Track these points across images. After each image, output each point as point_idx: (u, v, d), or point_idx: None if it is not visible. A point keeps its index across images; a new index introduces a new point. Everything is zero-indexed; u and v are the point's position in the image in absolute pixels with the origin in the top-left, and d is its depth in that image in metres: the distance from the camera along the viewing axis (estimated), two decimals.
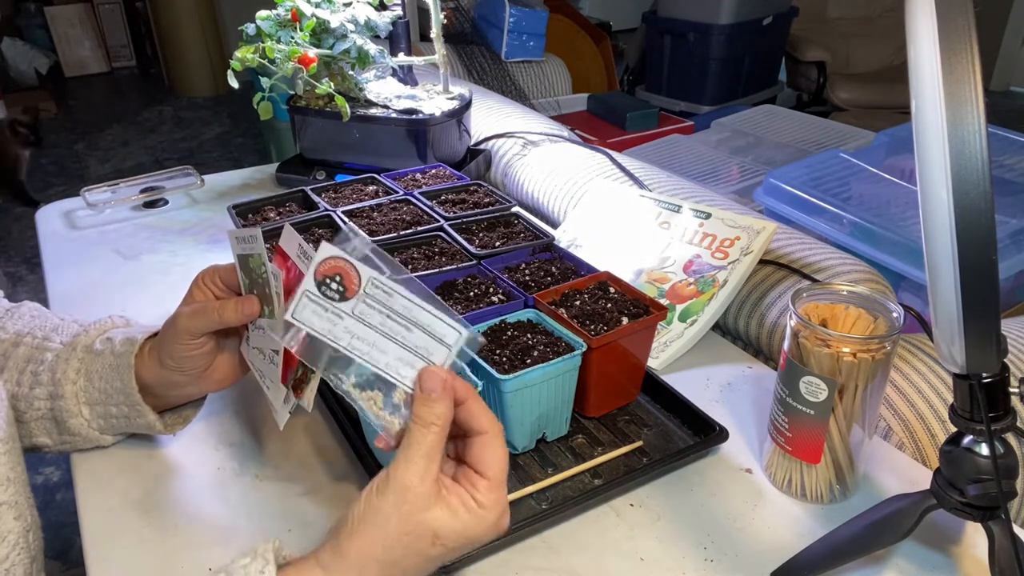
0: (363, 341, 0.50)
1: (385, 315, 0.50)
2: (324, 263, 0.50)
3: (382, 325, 0.50)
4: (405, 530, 0.47)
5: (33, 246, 2.95)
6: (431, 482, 0.48)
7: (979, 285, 0.46)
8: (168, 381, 0.66)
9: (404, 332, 0.50)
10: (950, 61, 0.44)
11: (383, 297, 0.50)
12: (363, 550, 0.47)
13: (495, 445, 0.50)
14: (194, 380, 0.67)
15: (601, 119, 2.99)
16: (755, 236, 0.91)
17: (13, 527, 0.58)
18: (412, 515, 0.47)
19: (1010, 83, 4.82)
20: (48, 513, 1.80)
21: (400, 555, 0.47)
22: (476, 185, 1.07)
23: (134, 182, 1.32)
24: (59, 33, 5.11)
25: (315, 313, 0.50)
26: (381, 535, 0.47)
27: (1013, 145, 1.81)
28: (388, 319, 0.50)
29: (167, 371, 0.65)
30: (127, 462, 0.72)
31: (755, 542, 0.63)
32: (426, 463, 0.48)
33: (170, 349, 0.64)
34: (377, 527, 0.47)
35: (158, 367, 0.65)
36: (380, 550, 0.47)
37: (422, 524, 0.47)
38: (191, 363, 0.65)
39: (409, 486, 0.47)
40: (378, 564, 0.47)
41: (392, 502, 0.47)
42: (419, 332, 0.50)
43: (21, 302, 0.76)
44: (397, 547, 0.47)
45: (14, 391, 0.68)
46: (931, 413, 0.76)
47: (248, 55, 1.11)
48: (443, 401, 0.49)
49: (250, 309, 0.62)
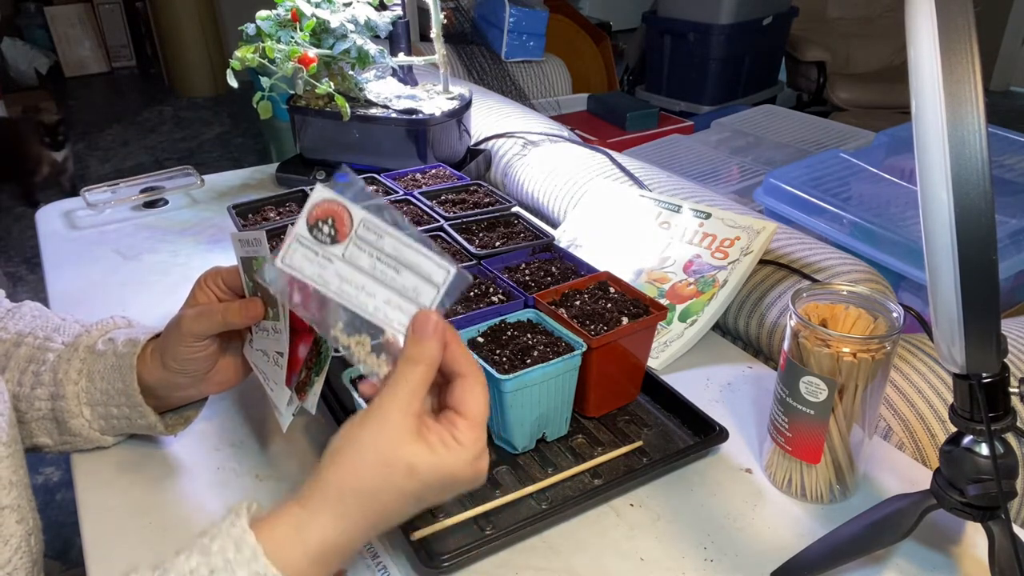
0: (352, 285, 0.49)
1: (375, 258, 0.49)
2: (318, 206, 0.49)
3: (371, 268, 0.49)
4: (382, 460, 0.46)
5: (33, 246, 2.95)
6: (412, 417, 0.47)
7: (979, 285, 0.46)
8: (170, 383, 0.66)
9: (393, 274, 0.50)
10: (950, 61, 0.44)
11: (373, 239, 0.49)
12: (340, 480, 0.47)
13: (475, 387, 0.49)
14: (196, 382, 0.67)
15: (601, 119, 2.99)
16: (755, 236, 0.91)
17: (16, 531, 0.58)
18: (389, 445, 0.47)
19: (1010, 83, 4.82)
20: (48, 513, 1.80)
21: (376, 486, 0.46)
22: (476, 185, 1.07)
23: (134, 182, 1.32)
24: (59, 33, 5.11)
25: (305, 258, 0.49)
26: (358, 464, 0.47)
27: (1013, 145, 1.81)
28: (378, 262, 0.49)
29: (170, 373, 0.65)
30: (127, 462, 0.72)
31: (755, 542, 0.64)
32: (409, 398, 0.47)
33: (173, 351, 0.64)
34: (354, 457, 0.47)
35: (161, 369, 0.65)
36: (356, 479, 0.46)
37: (399, 456, 0.46)
38: (194, 365, 0.65)
39: (389, 417, 0.47)
40: (354, 494, 0.47)
41: (371, 432, 0.47)
42: (408, 273, 0.50)
43: (22, 302, 0.76)
44: (374, 478, 0.46)
45: (15, 391, 0.68)
46: (931, 413, 0.76)
47: (248, 55, 1.11)
48: (433, 342, 0.48)
49: (254, 312, 0.62)
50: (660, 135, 2.73)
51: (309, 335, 0.60)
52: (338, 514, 0.47)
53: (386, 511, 0.48)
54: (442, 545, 0.61)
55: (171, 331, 0.64)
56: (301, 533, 0.46)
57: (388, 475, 0.47)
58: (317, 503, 0.47)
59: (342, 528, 0.47)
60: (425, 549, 0.61)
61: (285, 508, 0.47)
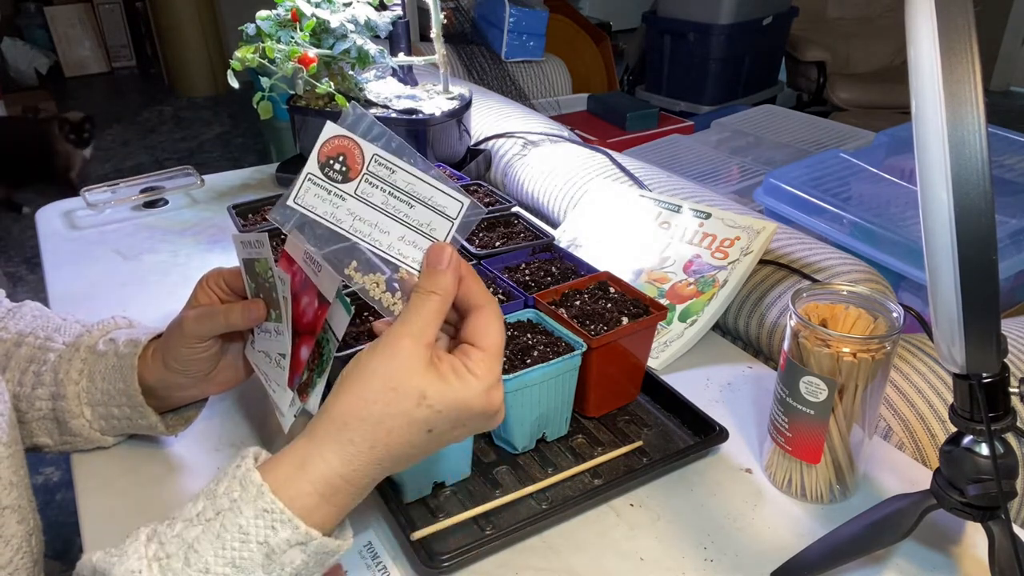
0: (365, 222, 0.48)
1: (388, 193, 0.48)
2: (328, 143, 0.48)
3: (384, 204, 0.48)
4: (391, 386, 0.45)
5: (33, 246, 2.95)
6: (424, 346, 0.46)
7: (979, 285, 0.46)
8: (171, 383, 0.66)
9: (406, 209, 0.49)
10: (950, 61, 0.44)
11: (385, 174, 0.48)
12: (346, 408, 0.45)
13: (491, 318, 0.48)
14: (197, 382, 0.67)
15: (601, 119, 2.99)
16: (755, 236, 0.91)
17: (17, 531, 0.58)
18: (399, 373, 0.45)
19: (1010, 83, 4.82)
20: (48, 513, 1.80)
21: (383, 412, 0.45)
22: (476, 185, 1.07)
23: (134, 182, 1.32)
24: (59, 33, 5.11)
25: (318, 197, 0.48)
26: (365, 392, 0.45)
27: (1013, 145, 1.81)
28: (391, 197, 0.48)
29: (171, 373, 0.65)
30: (127, 463, 0.72)
31: (755, 542, 0.64)
32: (422, 327, 0.46)
33: (175, 352, 0.64)
34: (363, 382, 0.45)
35: (162, 369, 0.65)
36: (362, 407, 0.45)
37: (408, 383, 0.45)
38: (195, 366, 0.65)
39: (400, 345, 0.45)
40: (360, 421, 0.45)
41: (380, 360, 0.46)
42: (421, 207, 0.49)
43: (23, 302, 0.76)
44: (380, 403, 0.45)
45: (16, 391, 0.68)
46: (931, 413, 0.76)
47: (248, 55, 1.11)
48: (448, 273, 0.47)
49: (257, 313, 0.62)
50: (660, 135, 2.73)
51: (311, 337, 0.60)
52: (343, 442, 0.45)
53: (394, 441, 0.45)
54: (442, 545, 0.61)
55: (173, 332, 0.64)
56: (306, 467, 0.45)
57: (396, 401, 0.45)
58: (321, 435, 0.45)
59: (347, 458, 0.45)
60: (425, 549, 0.61)
61: (293, 444, 0.46)
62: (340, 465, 0.45)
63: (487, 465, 0.70)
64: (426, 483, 0.67)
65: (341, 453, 0.45)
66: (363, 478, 0.46)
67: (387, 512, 0.65)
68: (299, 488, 0.44)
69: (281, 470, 0.45)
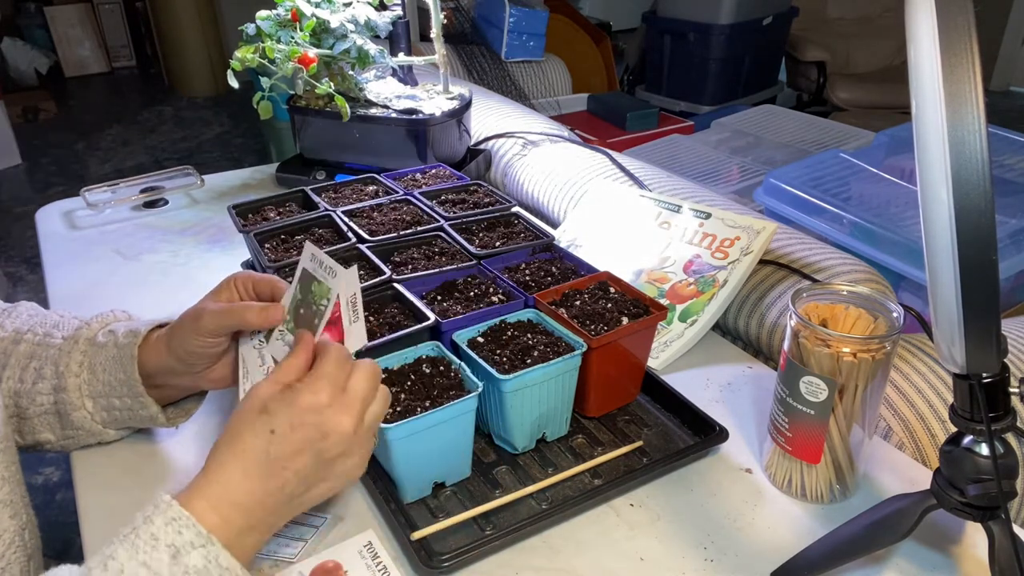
0: None
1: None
2: None
3: None
4: (245, 407, 0.54)
5: (33, 246, 2.95)
6: (277, 382, 0.55)
7: (979, 285, 0.46)
8: (170, 369, 0.66)
9: None
10: (950, 61, 0.44)
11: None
12: (219, 438, 0.54)
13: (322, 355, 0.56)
14: (193, 374, 0.67)
15: (601, 119, 2.99)
16: (755, 236, 0.91)
17: (9, 525, 0.59)
18: (252, 395, 0.54)
19: (1010, 83, 4.82)
20: (48, 513, 1.80)
21: (238, 428, 0.53)
22: (476, 185, 1.07)
23: (134, 182, 1.32)
24: (59, 33, 5.10)
25: None
26: (231, 419, 0.54)
27: (1013, 145, 1.81)
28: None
29: (172, 359, 0.65)
30: (127, 462, 0.72)
31: (755, 542, 0.64)
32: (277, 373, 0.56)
33: (186, 342, 0.64)
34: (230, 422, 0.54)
35: (164, 354, 0.66)
36: (226, 429, 0.54)
37: (257, 399, 0.54)
38: (200, 359, 0.65)
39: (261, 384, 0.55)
40: (225, 444, 0.53)
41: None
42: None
43: (17, 302, 0.76)
44: (235, 420, 0.54)
45: (17, 388, 0.68)
46: (931, 413, 0.76)
47: (248, 55, 1.11)
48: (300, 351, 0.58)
49: (275, 316, 0.63)
50: (660, 135, 2.73)
51: None
52: (215, 466, 0.52)
53: (248, 448, 0.52)
54: (442, 545, 0.61)
55: (188, 321, 0.64)
56: (198, 491, 0.51)
57: (245, 414, 0.53)
58: (205, 465, 0.53)
59: (222, 478, 0.51)
60: (425, 549, 0.61)
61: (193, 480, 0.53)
62: (219, 486, 0.51)
63: (487, 465, 0.70)
64: (426, 483, 0.67)
65: (218, 473, 0.52)
66: (233, 493, 0.52)
67: (387, 512, 0.65)
68: (195, 507, 0.50)
69: (189, 496, 0.51)
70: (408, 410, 0.63)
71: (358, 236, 0.90)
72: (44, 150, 4.00)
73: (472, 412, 0.65)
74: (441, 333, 0.73)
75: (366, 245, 0.88)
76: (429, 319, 0.73)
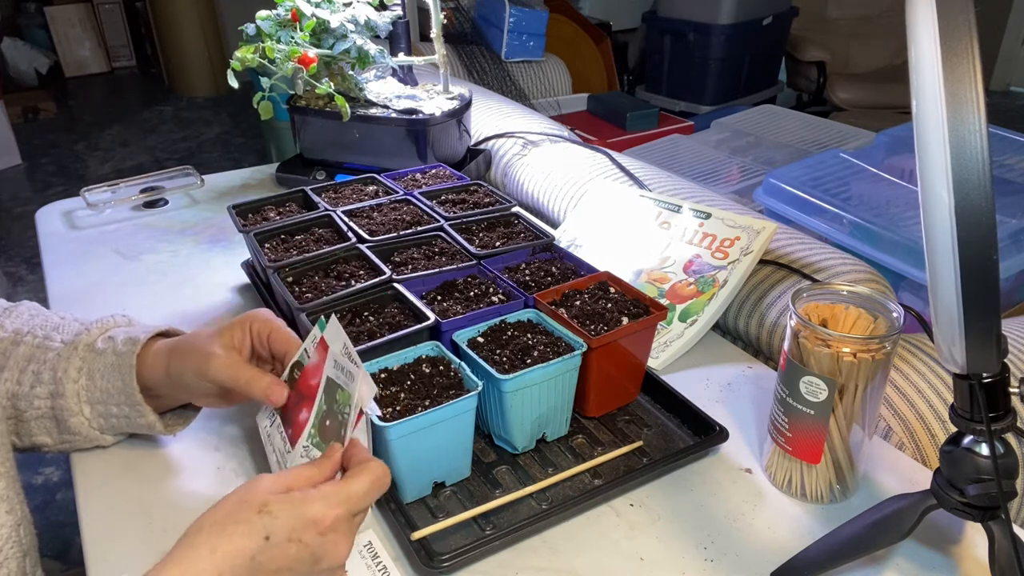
0: None
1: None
2: None
3: None
4: (240, 498, 0.50)
5: (33, 246, 2.95)
6: (280, 482, 0.52)
7: (979, 285, 0.46)
8: (164, 384, 0.67)
9: None
10: (950, 61, 0.44)
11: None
12: (204, 515, 0.50)
13: (364, 472, 0.53)
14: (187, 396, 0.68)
15: (601, 119, 2.99)
16: (755, 236, 0.91)
17: (5, 520, 0.59)
18: (251, 487, 0.51)
19: (1010, 83, 4.82)
20: (48, 513, 1.80)
21: (227, 518, 0.49)
22: (476, 185, 1.07)
23: (134, 182, 1.32)
24: (59, 33, 5.10)
25: None
26: (224, 501, 0.51)
27: (1013, 145, 1.81)
28: None
29: (168, 381, 0.66)
30: (127, 462, 0.72)
31: (755, 542, 0.64)
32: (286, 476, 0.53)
33: (185, 373, 0.64)
34: (225, 498, 0.51)
35: (162, 374, 0.66)
36: (215, 510, 0.50)
37: (257, 494, 0.50)
38: (195, 392, 0.66)
39: (263, 477, 0.52)
40: (211, 525, 0.49)
41: (244, 485, 0.52)
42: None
43: (19, 302, 0.76)
44: (226, 510, 0.50)
45: (14, 390, 0.68)
46: (931, 413, 0.76)
47: (248, 55, 1.11)
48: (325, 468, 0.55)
49: (278, 397, 0.62)
50: (660, 135, 2.73)
51: (311, 401, 0.60)
52: (192, 545, 0.48)
53: (233, 547, 0.48)
54: (442, 545, 0.61)
55: (192, 357, 0.64)
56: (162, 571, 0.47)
57: (242, 508, 0.49)
58: (180, 541, 0.49)
59: (193, 561, 0.47)
60: (425, 549, 0.61)
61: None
62: (188, 568, 0.47)
63: (487, 465, 0.70)
64: (426, 483, 0.67)
65: (189, 555, 0.47)
66: None
67: (387, 512, 0.65)
68: None
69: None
70: (408, 409, 0.63)
71: (358, 236, 0.90)
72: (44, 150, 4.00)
73: (472, 411, 0.65)
74: (441, 333, 0.73)
75: (366, 245, 0.88)
76: (429, 319, 0.73)
